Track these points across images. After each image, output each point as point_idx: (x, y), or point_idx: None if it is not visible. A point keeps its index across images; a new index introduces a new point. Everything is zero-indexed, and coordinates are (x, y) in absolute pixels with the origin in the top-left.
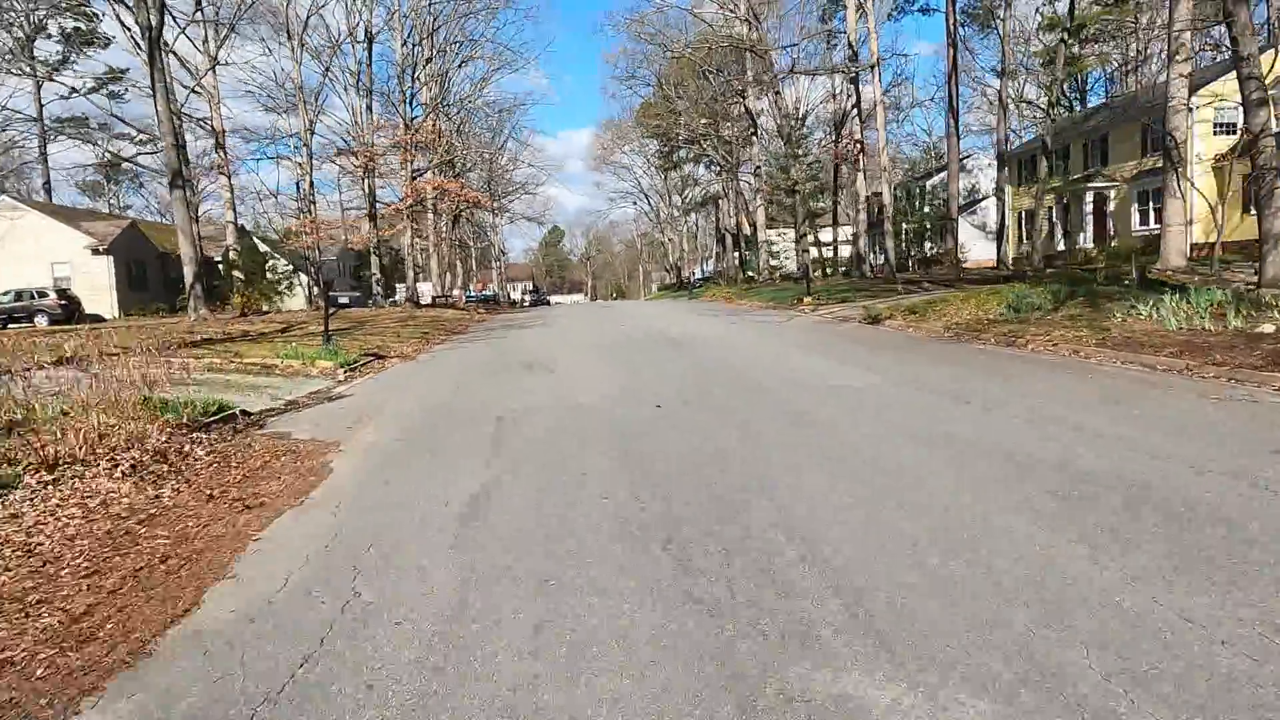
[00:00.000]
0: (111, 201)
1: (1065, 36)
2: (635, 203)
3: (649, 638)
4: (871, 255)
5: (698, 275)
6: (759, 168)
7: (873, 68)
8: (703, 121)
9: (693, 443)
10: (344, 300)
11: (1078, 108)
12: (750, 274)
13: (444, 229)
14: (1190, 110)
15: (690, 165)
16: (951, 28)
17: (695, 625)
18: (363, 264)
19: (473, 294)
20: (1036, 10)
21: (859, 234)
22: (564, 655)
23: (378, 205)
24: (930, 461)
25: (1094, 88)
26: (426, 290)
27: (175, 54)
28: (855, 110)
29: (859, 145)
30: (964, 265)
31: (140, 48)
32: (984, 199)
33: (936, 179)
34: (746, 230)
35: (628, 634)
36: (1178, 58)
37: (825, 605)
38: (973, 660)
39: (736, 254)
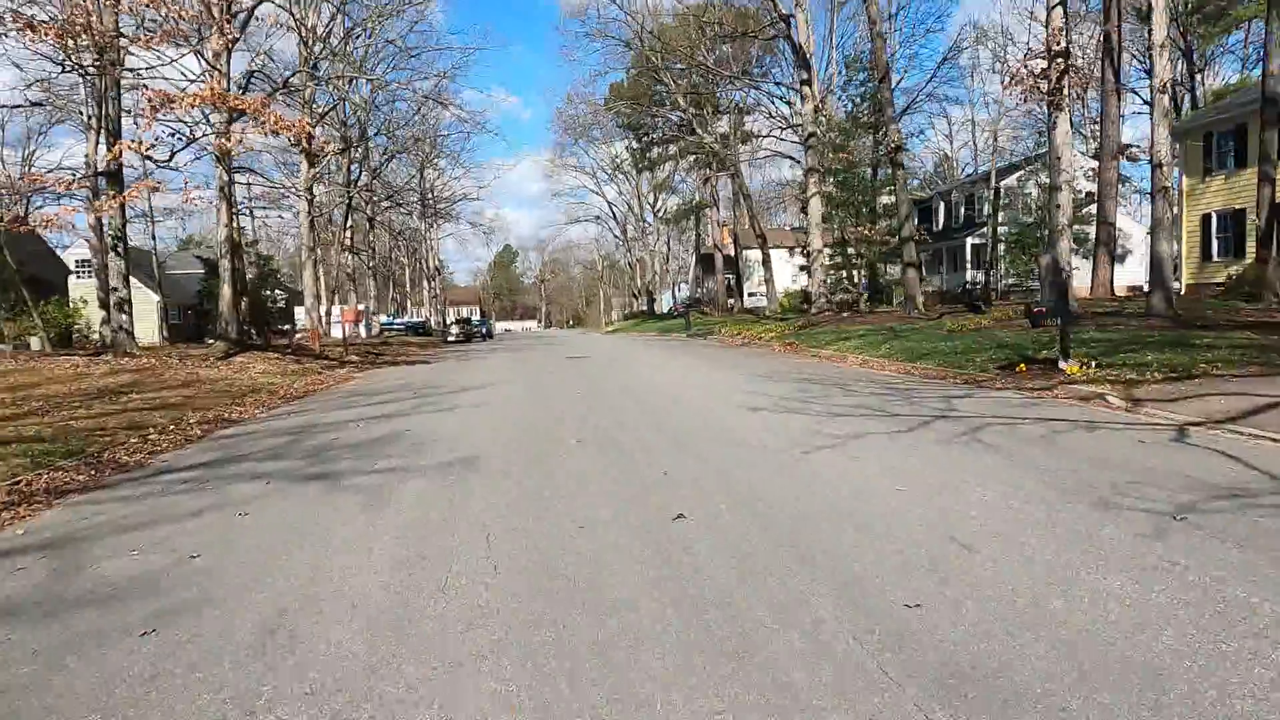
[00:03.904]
0: None
1: None
2: (598, 217)
3: None
4: (978, 277)
5: (671, 301)
6: (812, 135)
7: None
8: (691, 112)
9: None
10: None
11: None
12: (754, 302)
13: (336, 229)
14: None
15: (669, 165)
16: None
17: None
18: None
19: (396, 322)
20: None
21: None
22: None
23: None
24: None
25: None
26: (304, 316)
27: None
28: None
29: (1062, 61)
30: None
31: None
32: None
33: (1013, 179)
34: (746, 243)
35: None
36: None
37: None
38: None
39: (731, 276)
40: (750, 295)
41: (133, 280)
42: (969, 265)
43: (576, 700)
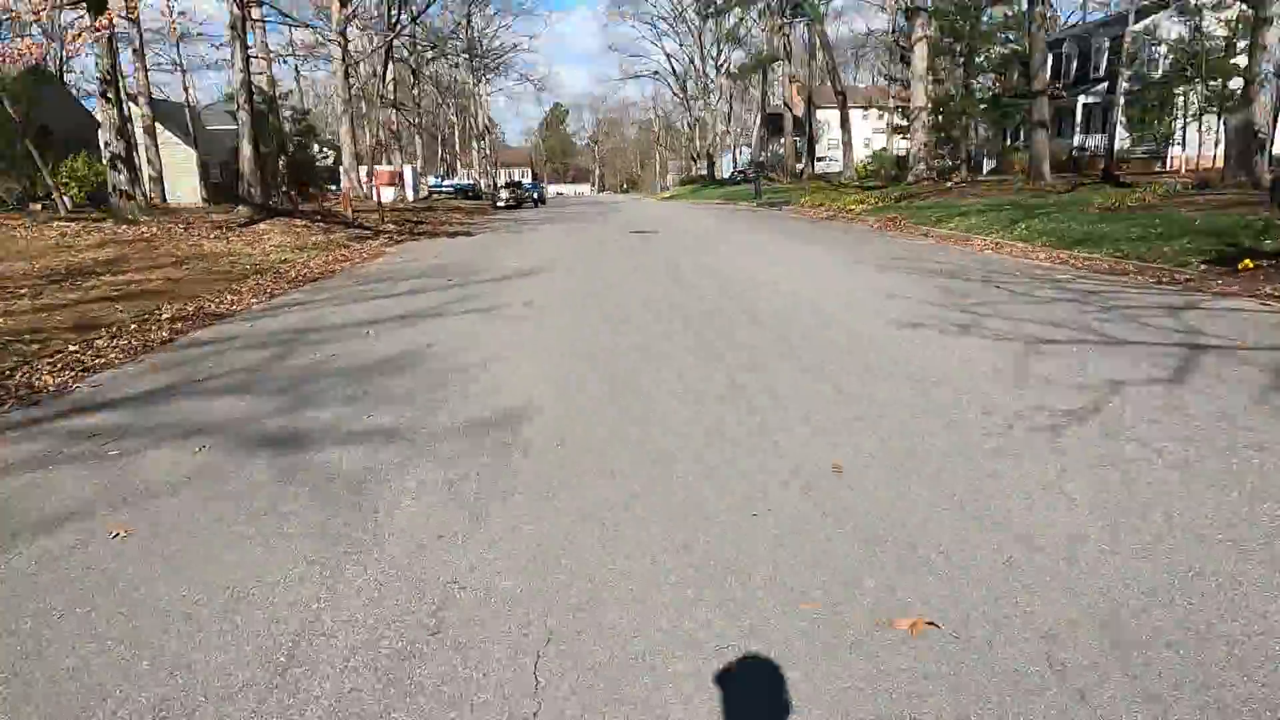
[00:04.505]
0: None
1: None
2: (656, 73)
3: None
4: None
5: (731, 166)
6: None
7: None
8: None
9: None
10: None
11: None
12: (823, 168)
13: (377, 82)
14: None
15: (737, 12)
16: None
17: None
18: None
19: (445, 184)
20: None
21: None
22: None
23: None
24: None
25: None
26: (342, 178)
27: None
28: None
29: None
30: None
31: None
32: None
33: (1142, 25)
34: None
35: None
36: None
37: None
38: None
39: (800, 139)
40: (819, 160)
41: (169, 135)
42: (1078, 129)
43: None
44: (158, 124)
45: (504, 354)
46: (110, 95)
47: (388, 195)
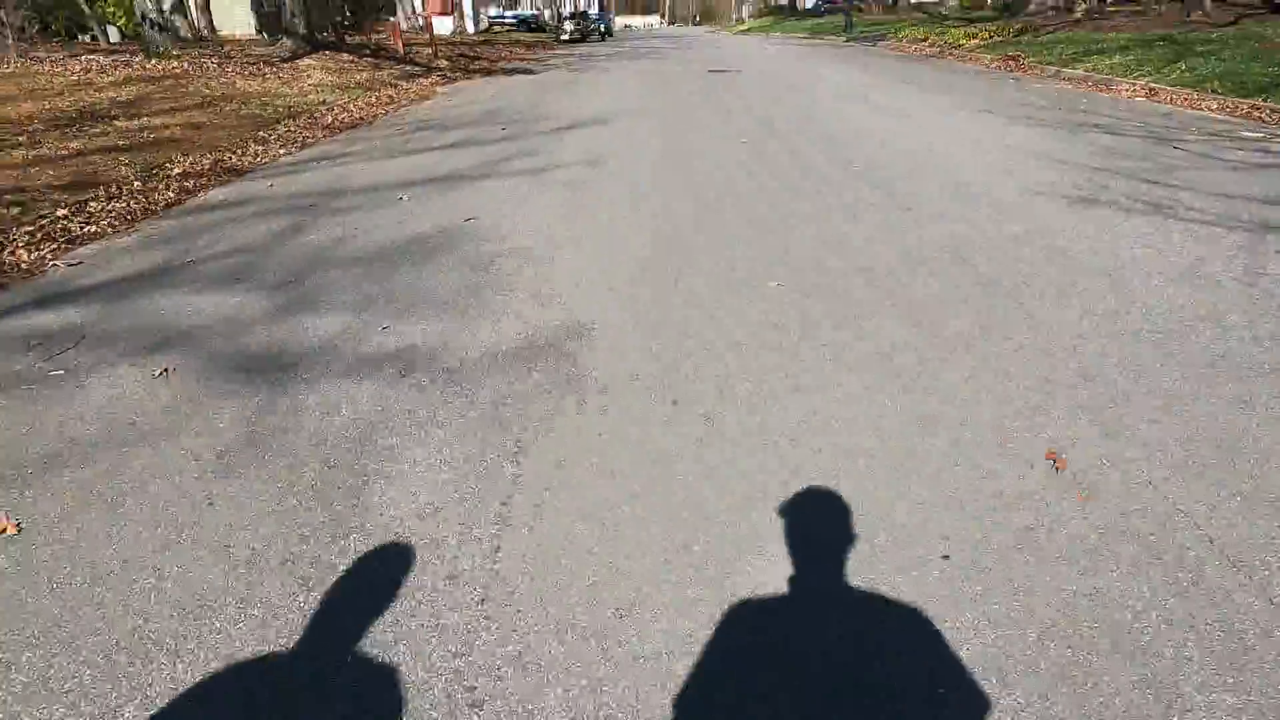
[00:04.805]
0: None
1: None
2: None
3: None
4: None
5: None
6: None
7: None
8: None
9: None
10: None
11: None
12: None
13: None
14: None
15: None
16: None
17: None
18: None
19: (506, 15)
20: None
21: None
22: None
23: None
24: None
25: None
26: (398, 9)
27: None
28: None
29: None
30: None
31: None
32: None
33: None
34: None
35: None
36: None
37: None
38: None
39: None
40: None
41: None
42: None
43: None
44: None
45: (560, 237)
46: None
47: (443, 27)
